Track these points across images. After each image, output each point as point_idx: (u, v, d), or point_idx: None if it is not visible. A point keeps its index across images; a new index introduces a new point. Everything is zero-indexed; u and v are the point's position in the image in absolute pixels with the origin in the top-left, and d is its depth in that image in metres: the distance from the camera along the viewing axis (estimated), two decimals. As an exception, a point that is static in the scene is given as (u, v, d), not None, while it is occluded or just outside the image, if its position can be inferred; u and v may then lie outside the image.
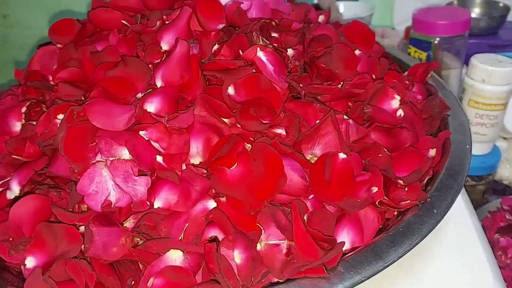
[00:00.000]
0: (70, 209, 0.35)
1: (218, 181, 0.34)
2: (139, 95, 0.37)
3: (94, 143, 0.34)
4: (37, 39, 0.96)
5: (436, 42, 0.77)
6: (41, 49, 0.44)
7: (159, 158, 0.34)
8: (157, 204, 0.32)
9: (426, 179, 0.40)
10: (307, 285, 0.32)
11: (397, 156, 0.41)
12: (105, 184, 0.34)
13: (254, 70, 0.39)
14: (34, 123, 0.41)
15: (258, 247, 0.32)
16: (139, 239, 0.33)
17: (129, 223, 0.34)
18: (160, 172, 0.33)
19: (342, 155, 0.36)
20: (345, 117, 0.38)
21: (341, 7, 0.93)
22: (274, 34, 0.43)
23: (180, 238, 0.33)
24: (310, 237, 0.32)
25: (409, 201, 0.37)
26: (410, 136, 0.42)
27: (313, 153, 0.37)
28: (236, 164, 0.35)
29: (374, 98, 0.42)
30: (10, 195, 0.39)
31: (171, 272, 0.32)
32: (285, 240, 0.32)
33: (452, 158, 0.42)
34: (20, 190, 0.39)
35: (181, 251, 0.33)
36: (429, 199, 0.38)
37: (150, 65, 0.39)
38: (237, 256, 0.31)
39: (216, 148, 0.35)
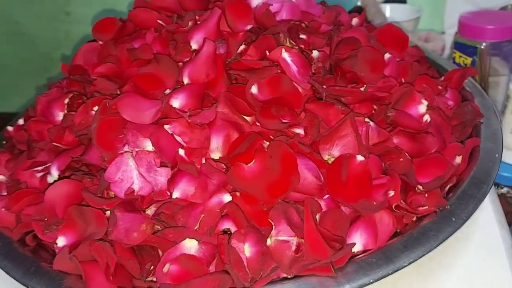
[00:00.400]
0: (99, 195, 0.37)
1: (235, 176, 0.35)
2: (167, 91, 0.39)
3: (123, 135, 0.37)
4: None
5: (482, 47, 0.74)
6: (85, 45, 0.48)
7: (181, 151, 0.36)
8: (176, 194, 0.34)
9: (448, 186, 0.40)
10: (315, 283, 0.32)
11: (420, 162, 0.41)
12: (130, 173, 0.36)
13: (278, 71, 0.40)
14: (74, 113, 0.44)
15: (268, 242, 0.33)
16: (158, 227, 0.35)
17: (150, 211, 0.36)
18: (181, 165, 0.35)
19: (360, 157, 0.37)
20: (366, 119, 0.39)
21: (387, 9, 0.92)
22: (302, 36, 0.44)
23: (196, 228, 0.34)
24: (320, 236, 0.33)
25: (427, 207, 0.37)
26: (436, 142, 0.42)
27: (331, 154, 0.37)
28: (253, 161, 0.36)
29: (400, 102, 0.42)
30: (50, 179, 0.42)
31: (186, 260, 0.34)
32: (295, 237, 0.33)
33: (479, 166, 0.41)
34: (59, 175, 0.42)
35: (196, 240, 0.34)
36: (449, 206, 0.37)
37: (180, 63, 0.41)
38: (247, 249, 0.33)
39: (235, 144, 0.37)
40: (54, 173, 0.42)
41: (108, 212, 0.37)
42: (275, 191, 0.34)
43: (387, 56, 0.46)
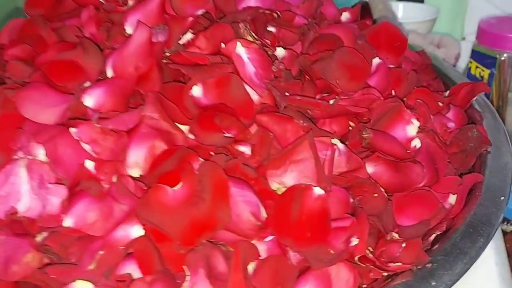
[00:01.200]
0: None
1: (149, 203, 0.27)
2: (87, 83, 0.31)
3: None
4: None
5: (503, 58, 0.64)
6: (11, 22, 0.40)
7: (89, 164, 0.28)
8: (68, 222, 0.26)
9: (433, 235, 0.31)
10: None
11: (402, 198, 0.32)
12: (18, 187, 0.28)
13: (231, 70, 0.31)
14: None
15: (178, 298, 0.25)
16: (47, 260, 0.27)
17: (41, 238, 0.28)
18: (83, 182, 0.27)
19: (318, 190, 0.28)
20: (333, 141, 0.30)
21: (400, 8, 0.82)
22: (271, 29, 0.35)
23: (91, 267, 0.26)
24: (246, 294, 0.25)
25: (400, 264, 0.28)
26: (425, 174, 0.33)
27: (282, 182, 0.29)
28: (180, 184, 0.27)
29: (383, 121, 0.34)
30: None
31: (73, 309, 0.26)
32: (213, 294, 0.25)
33: (477, 211, 0.32)
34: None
35: (91, 283, 0.26)
36: (430, 264, 0.28)
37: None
38: (147, 307, 0.24)
39: (160, 160, 0.29)
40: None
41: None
42: (196, 228, 0.26)
43: (376, 61, 0.37)
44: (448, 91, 0.43)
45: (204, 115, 0.30)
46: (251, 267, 0.26)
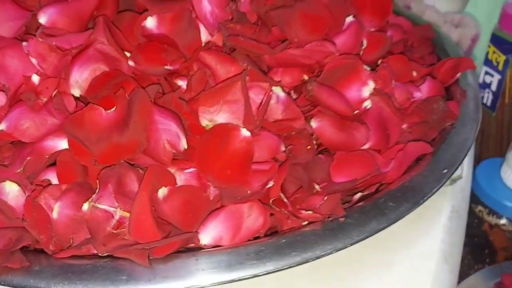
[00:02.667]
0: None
1: (79, 120, 0.28)
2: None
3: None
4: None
5: (523, 45, 0.61)
6: None
7: (35, 78, 0.30)
8: (1, 126, 0.28)
9: (359, 193, 0.31)
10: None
11: (343, 157, 0.32)
12: (-32, 90, 0.30)
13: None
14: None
15: (85, 207, 0.26)
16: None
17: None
18: (24, 93, 0.29)
19: (244, 132, 0.29)
20: (274, 88, 0.30)
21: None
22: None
23: (19, 171, 0.28)
24: (150, 214, 0.26)
25: (311, 213, 0.28)
26: (371, 136, 0.33)
27: (213, 120, 0.29)
28: (115, 108, 0.29)
29: (338, 76, 0.33)
30: None
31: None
32: (117, 208, 0.26)
33: (415, 178, 0.32)
34: None
35: (17, 185, 0.28)
36: (344, 219, 0.28)
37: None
38: (56, 210, 0.26)
39: (98, 83, 0.30)
40: None
41: None
42: (116, 150, 0.27)
43: (349, 19, 0.36)
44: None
45: (148, 45, 0.30)
46: (162, 191, 0.27)
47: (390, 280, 0.34)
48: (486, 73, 0.64)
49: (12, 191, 0.28)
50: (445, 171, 0.32)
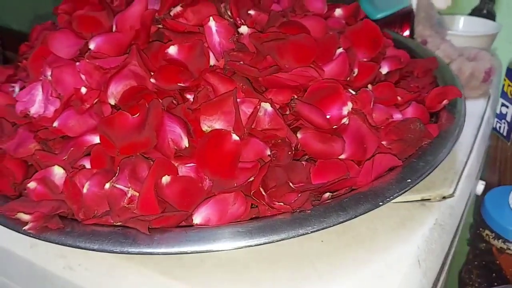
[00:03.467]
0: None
1: (111, 122, 0.37)
2: (99, 35, 0.42)
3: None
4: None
5: (538, 79, 0.64)
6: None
7: (83, 89, 0.39)
8: (55, 124, 0.38)
9: (328, 192, 0.37)
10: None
11: (323, 164, 0.38)
12: (35, 97, 0.40)
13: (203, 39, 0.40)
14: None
15: (107, 186, 0.35)
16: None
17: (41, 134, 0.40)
18: (74, 100, 0.38)
19: (235, 136, 0.36)
20: (263, 104, 0.37)
21: (461, 21, 0.83)
22: (251, 12, 0.43)
23: (64, 158, 0.37)
24: (152, 193, 0.34)
25: (282, 204, 0.35)
26: (346, 148, 0.39)
27: (211, 126, 0.37)
28: (138, 114, 0.37)
29: (321, 97, 0.40)
30: None
31: (48, 182, 0.37)
32: (129, 188, 0.34)
33: (380, 184, 0.37)
34: None
35: (63, 169, 0.37)
36: (308, 211, 0.35)
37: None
38: (86, 187, 0.35)
39: (127, 95, 0.39)
40: None
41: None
42: (134, 145, 0.36)
43: (339, 50, 0.43)
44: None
45: (167, 67, 0.39)
46: (165, 179, 0.35)
47: (364, 276, 0.39)
48: (502, 104, 0.67)
49: (58, 173, 0.37)
50: (409, 180, 0.37)
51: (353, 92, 0.41)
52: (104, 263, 0.37)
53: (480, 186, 0.63)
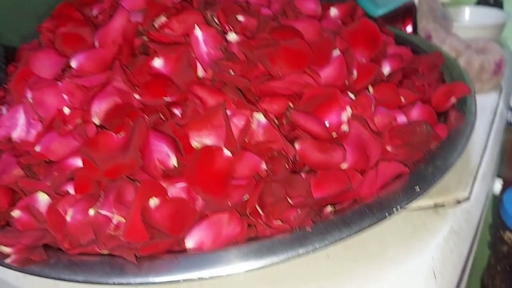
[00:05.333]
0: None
1: (94, 143, 0.35)
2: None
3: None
4: None
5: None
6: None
7: (66, 110, 0.37)
8: (37, 148, 0.36)
9: (329, 206, 0.34)
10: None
11: (323, 175, 0.36)
12: (18, 121, 0.38)
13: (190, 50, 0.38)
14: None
15: (91, 212, 0.32)
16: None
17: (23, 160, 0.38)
18: (55, 122, 0.36)
19: (227, 152, 0.33)
20: (256, 115, 0.35)
21: (466, 12, 0.79)
22: (240, 18, 0.41)
23: (49, 184, 0.35)
24: (140, 219, 0.31)
25: (280, 223, 0.32)
26: (348, 157, 0.36)
27: (201, 141, 0.35)
28: (123, 133, 0.35)
29: (319, 104, 0.37)
30: None
31: (32, 210, 0.35)
32: (114, 213, 0.32)
33: (387, 195, 0.34)
34: None
35: (47, 195, 0.35)
36: (310, 230, 0.32)
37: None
38: (69, 215, 0.33)
39: (112, 113, 0.36)
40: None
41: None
42: (119, 167, 0.33)
43: (336, 53, 0.40)
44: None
45: (152, 81, 0.37)
46: (153, 201, 0.33)
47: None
48: (515, 97, 0.63)
49: (43, 200, 0.35)
50: (417, 189, 0.35)
51: (352, 97, 0.38)
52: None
53: (498, 185, 0.60)
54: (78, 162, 0.35)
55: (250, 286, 0.34)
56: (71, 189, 0.35)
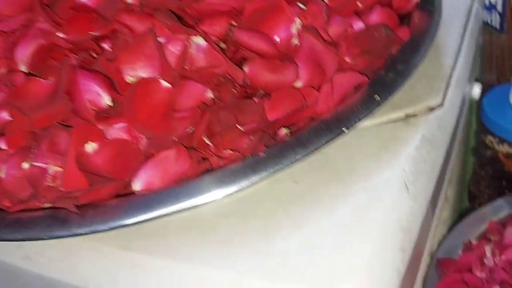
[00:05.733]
0: None
1: (16, 94, 0.32)
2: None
3: None
4: None
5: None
6: None
7: (-13, 60, 0.34)
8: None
9: (283, 128, 0.31)
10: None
11: (276, 96, 0.33)
12: None
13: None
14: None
15: (25, 166, 0.30)
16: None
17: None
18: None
19: (165, 83, 0.30)
20: (194, 38, 0.31)
21: None
22: None
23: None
24: (75, 167, 0.29)
25: (231, 152, 0.30)
26: (301, 73, 0.33)
27: (136, 75, 0.31)
28: (52, 78, 0.32)
29: (263, 19, 0.33)
30: None
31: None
32: (49, 164, 0.29)
33: (345, 108, 0.32)
34: None
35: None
36: (264, 155, 0.30)
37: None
38: (3, 171, 0.30)
39: (37, 56, 0.33)
40: None
41: None
42: (49, 114, 0.30)
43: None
44: None
45: (76, 16, 0.33)
46: (90, 146, 0.30)
47: (343, 212, 0.35)
48: (490, -6, 0.59)
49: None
50: (378, 98, 0.32)
51: (302, 6, 0.35)
52: (59, 247, 0.33)
53: (477, 90, 0.57)
54: (6, 116, 0.32)
55: (217, 220, 0.32)
56: (3, 145, 0.32)
